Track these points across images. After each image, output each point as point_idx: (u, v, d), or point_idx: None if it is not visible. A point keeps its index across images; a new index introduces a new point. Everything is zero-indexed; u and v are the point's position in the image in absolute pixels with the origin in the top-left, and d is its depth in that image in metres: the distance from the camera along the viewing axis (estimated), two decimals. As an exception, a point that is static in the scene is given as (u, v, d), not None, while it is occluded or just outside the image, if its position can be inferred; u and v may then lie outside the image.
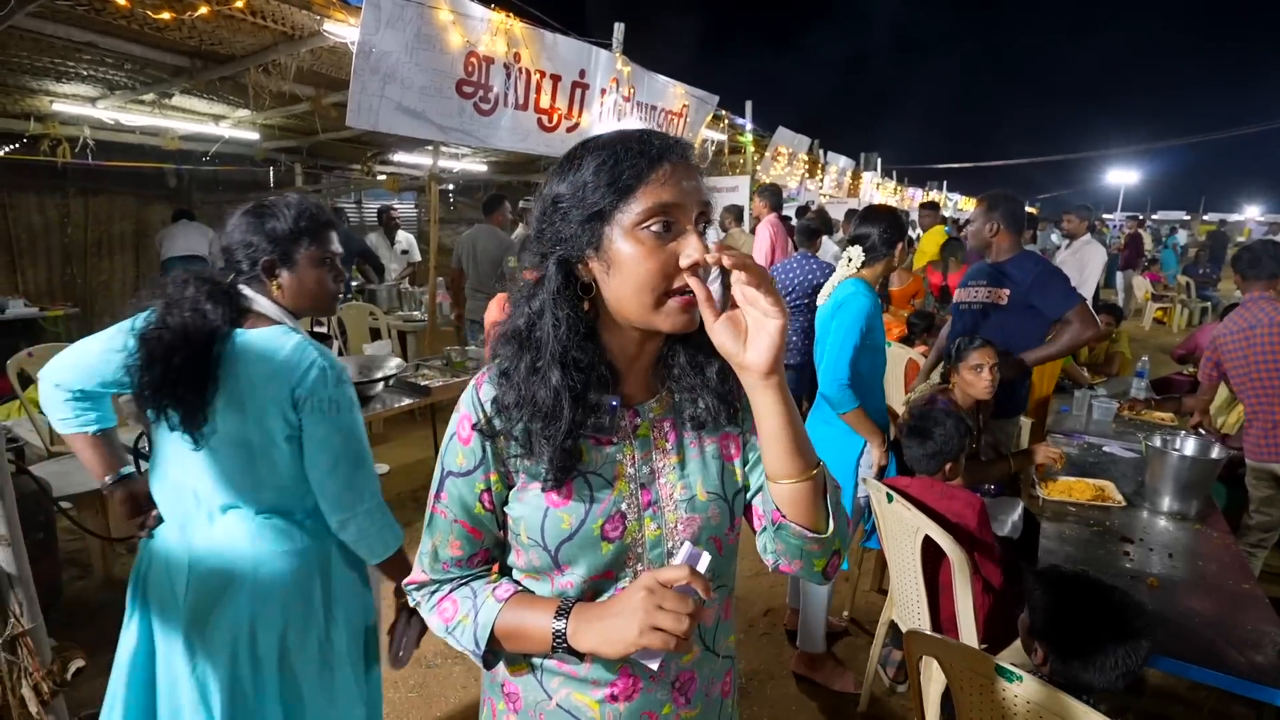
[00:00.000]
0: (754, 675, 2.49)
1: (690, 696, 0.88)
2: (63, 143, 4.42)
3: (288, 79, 3.50)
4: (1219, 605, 1.74)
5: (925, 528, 1.89)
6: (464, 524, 0.85)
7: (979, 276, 2.94)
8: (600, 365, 0.81)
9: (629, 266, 0.75)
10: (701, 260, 0.72)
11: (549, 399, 0.78)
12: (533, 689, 0.88)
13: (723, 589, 0.90)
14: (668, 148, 0.77)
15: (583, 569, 0.82)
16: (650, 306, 0.75)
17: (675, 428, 0.86)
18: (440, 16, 2.82)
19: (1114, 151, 43.89)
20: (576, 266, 0.79)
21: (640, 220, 0.74)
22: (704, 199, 0.77)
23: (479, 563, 0.89)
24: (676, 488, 0.84)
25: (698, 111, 5.08)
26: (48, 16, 2.79)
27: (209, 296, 1.28)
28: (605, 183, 0.75)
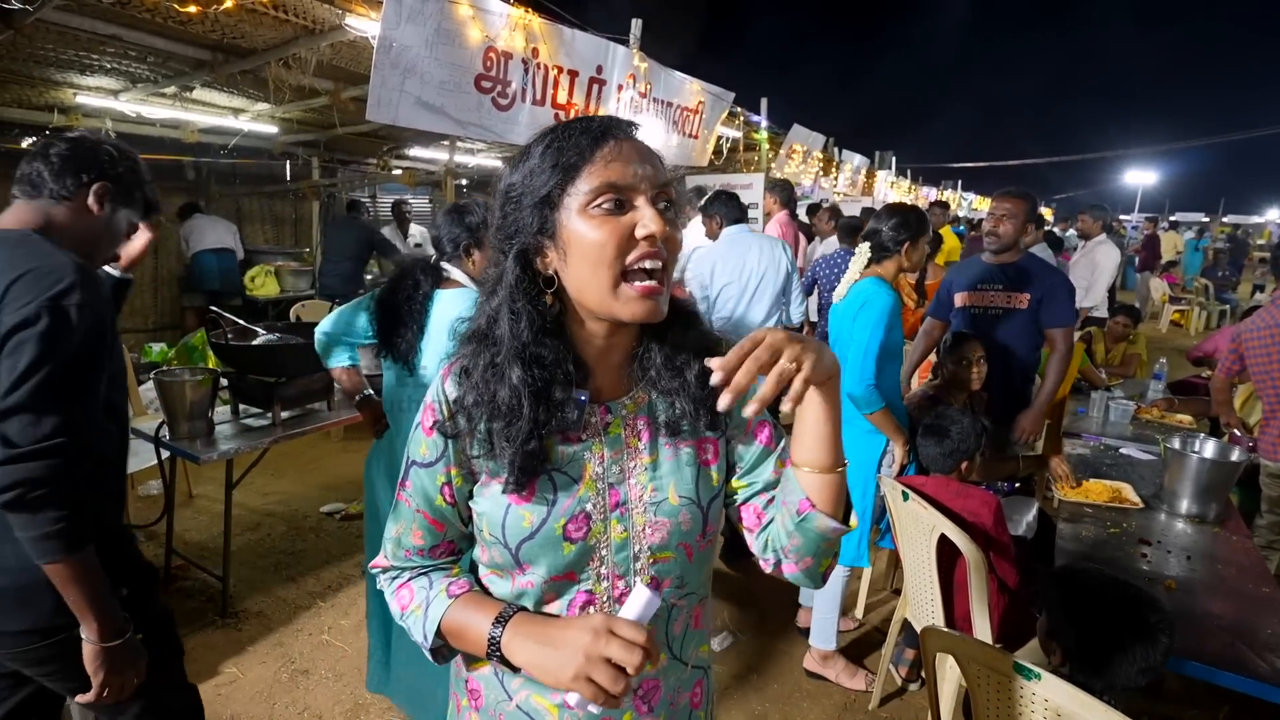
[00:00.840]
0: (765, 672, 2.49)
1: (653, 705, 0.85)
2: (85, 135, 4.48)
3: (307, 73, 3.52)
4: (1239, 608, 1.72)
5: (941, 526, 1.89)
6: (425, 514, 0.84)
7: (990, 279, 2.79)
8: (565, 361, 0.78)
9: (583, 246, 0.73)
10: (658, 232, 0.71)
11: (509, 398, 0.76)
12: (494, 688, 0.86)
13: (692, 597, 0.87)
14: (611, 125, 0.76)
15: (543, 569, 0.79)
16: (609, 289, 0.73)
17: (649, 427, 0.83)
18: (460, 11, 2.83)
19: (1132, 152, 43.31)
20: (536, 260, 0.77)
21: (590, 200, 0.72)
22: (661, 180, 0.75)
23: (442, 553, 0.87)
24: (647, 490, 0.81)
25: (714, 108, 5.06)
26: (74, 9, 2.83)
27: (422, 270, 1.93)
28: (550, 165, 0.74)
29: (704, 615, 0.90)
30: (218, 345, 2.72)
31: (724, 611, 2.82)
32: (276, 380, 2.70)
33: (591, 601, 0.80)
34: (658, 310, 0.74)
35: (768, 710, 2.31)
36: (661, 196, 0.75)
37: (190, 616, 2.64)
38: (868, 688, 2.38)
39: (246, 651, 2.47)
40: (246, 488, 3.54)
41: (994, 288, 2.78)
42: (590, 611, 0.80)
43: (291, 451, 4.20)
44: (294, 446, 4.26)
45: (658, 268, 0.73)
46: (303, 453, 4.27)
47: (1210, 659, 1.51)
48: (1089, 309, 5.08)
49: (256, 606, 2.72)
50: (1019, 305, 2.72)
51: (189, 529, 3.27)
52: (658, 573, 0.81)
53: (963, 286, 2.87)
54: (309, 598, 2.80)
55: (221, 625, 2.60)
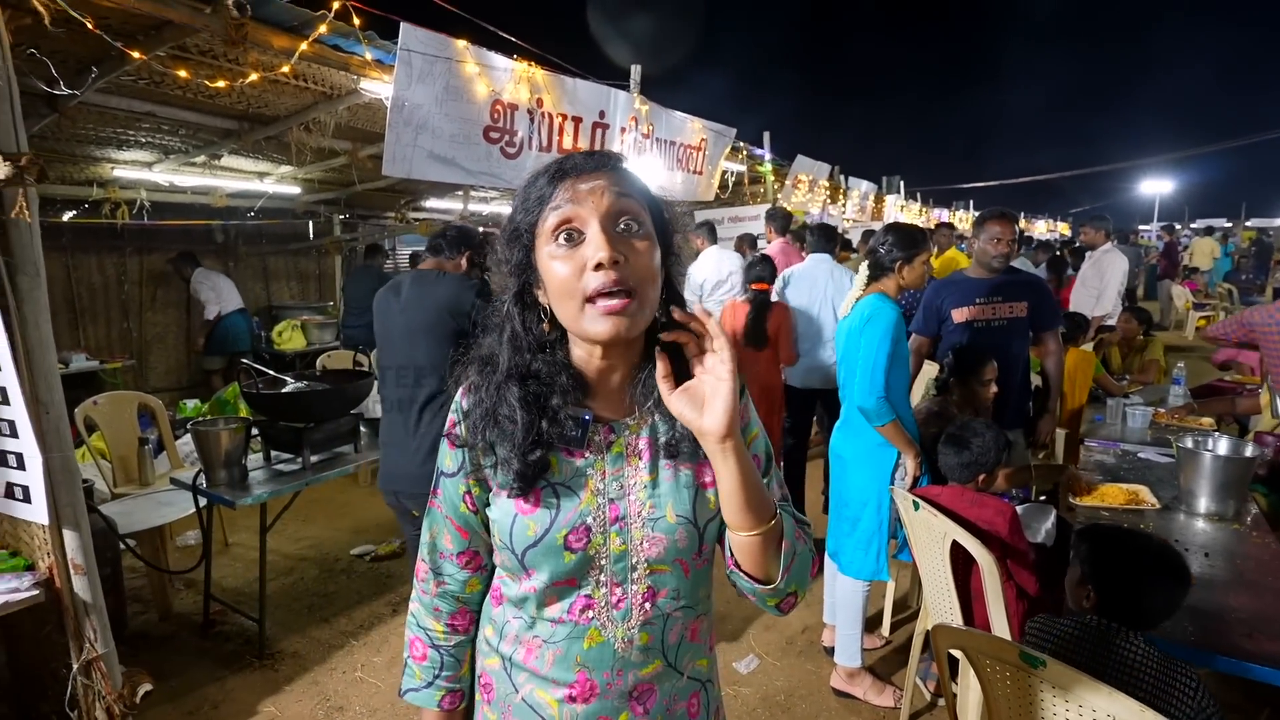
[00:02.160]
0: (792, 692, 2.49)
1: (649, 708, 0.89)
2: (122, 205, 4.74)
3: (327, 135, 3.72)
4: (1261, 602, 1.72)
5: (952, 533, 1.92)
6: (453, 521, 0.92)
7: (988, 292, 2.87)
8: (562, 375, 0.84)
9: (551, 281, 0.80)
10: (605, 259, 0.74)
11: (509, 414, 0.83)
12: (503, 681, 0.91)
13: (688, 610, 0.90)
14: (573, 163, 0.81)
15: (545, 574, 0.85)
16: (577, 315, 0.78)
17: (650, 447, 0.87)
18: (466, 69, 3.00)
19: (1148, 161, 43.06)
20: (533, 292, 0.85)
21: (550, 238, 0.79)
22: (612, 201, 0.78)
23: (468, 564, 0.94)
24: (646, 506, 0.85)
25: (716, 144, 5.21)
26: (113, 91, 3.05)
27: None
28: (523, 208, 0.82)
29: (701, 630, 0.93)
30: (249, 394, 2.85)
31: (749, 634, 2.83)
32: (305, 425, 2.81)
33: (590, 606, 0.85)
34: (622, 328, 0.76)
35: (796, 730, 2.31)
36: (619, 217, 0.78)
37: (229, 659, 2.71)
38: (896, 704, 2.37)
39: (283, 691, 2.53)
40: (279, 534, 3.64)
41: (993, 300, 2.87)
42: (589, 615, 0.85)
43: (321, 497, 4.30)
44: (323, 492, 4.37)
45: (617, 291, 0.75)
46: (332, 498, 4.37)
47: (1235, 652, 1.52)
48: (1101, 317, 5.08)
49: (292, 647, 2.79)
50: (1020, 314, 2.85)
51: (225, 575, 3.37)
52: (654, 583, 0.86)
53: (960, 302, 2.92)
54: (342, 637, 2.86)
55: (259, 667, 2.66)
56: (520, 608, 0.89)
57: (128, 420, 3.67)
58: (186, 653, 2.78)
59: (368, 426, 3.19)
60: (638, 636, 0.86)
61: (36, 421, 1.77)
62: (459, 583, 0.95)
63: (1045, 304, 2.90)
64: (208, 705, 2.45)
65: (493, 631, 0.93)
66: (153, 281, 6.35)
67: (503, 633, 0.91)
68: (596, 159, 0.82)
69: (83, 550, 1.93)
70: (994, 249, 2.83)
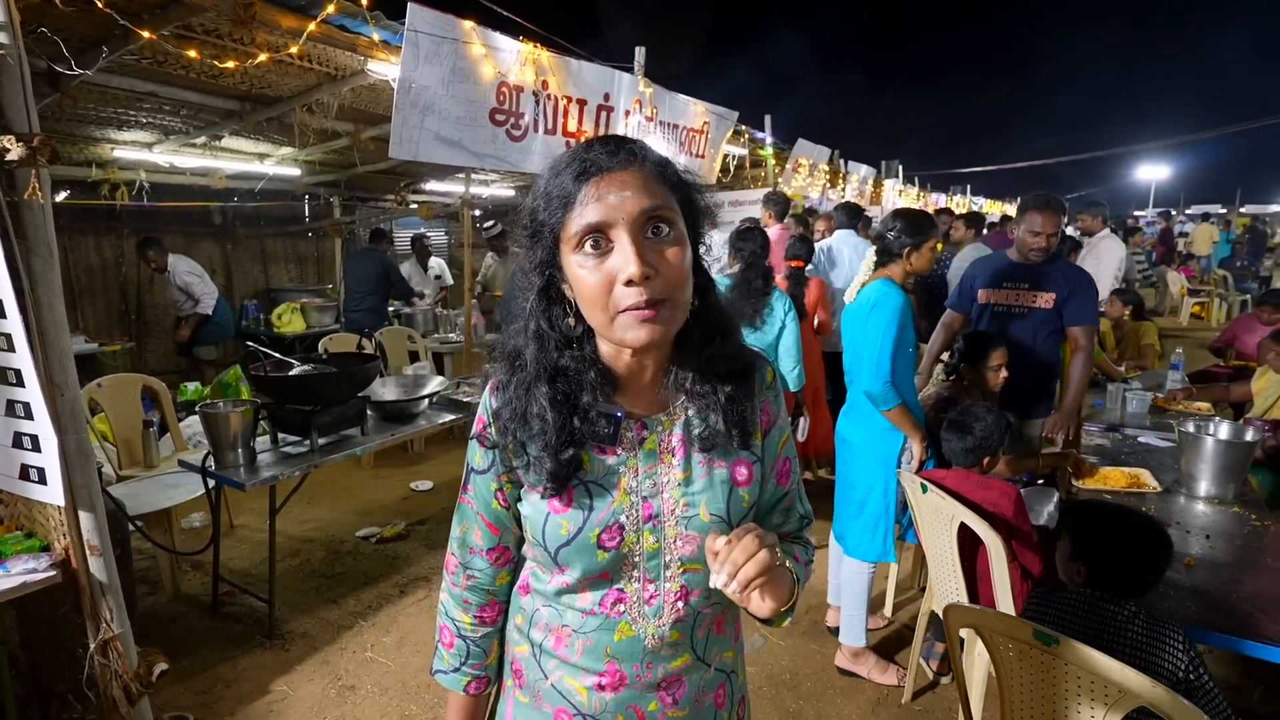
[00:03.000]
0: (797, 671, 2.54)
1: (678, 698, 0.89)
2: (121, 186, 4.70)
3: (330, 116, 3.70)
4: (1259, 582, 1.76)
5: (960, 515, 1.95)
6: (484, 518, 0.91)
7: (1015, 278, 2.85)
8: (591, 371, 0.82)
9: (578, 287, 0.77)
10: (636, 275, 0.72)
11: (538, 413, 0.81)
12: (532, 667, 0.92)
13: (716, 605, 0.90)
14: (598, 163, 0.76)
15: (579, 571, 0.84)
16: (607, 324, 0.76)
17: (684, 444, 0.86)
18: (473, 51, 2.98)
19: (1144, 146, 43.04)
20: (559, 286, 0.82)
21: (576, 243, 0.76)
22: (644, 207, 0.74)
23: (497, 559, 0.94)
24: (680, 504, 0.84)
25: (718, 128, 5.20)
26: (114, 70, 3.02)
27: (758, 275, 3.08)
28: (544, 205, 0.78)
29: (727, 622, 0.94)
30: (256, 377, 2.85)
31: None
32: (313, 408, 2.82)
33: (622, 599, 0.85)
34: (657, 335, 0.75)
35: (802, 708, 2.36)
36: (650, 222, 0.75)
37: (239, 639, 2.74)
38: (899, 683, 2.42)
39: (295, 670, 2.56)
40: (285, 516, 3.65)
41: (1019, 286, 2.83)
42: (620, 609, 0.85)
43: (326, 481, 4.32)
44: (328, 476, 4.39)
45: (648, 301, 0.73)
46: (336, 481, 4.39)
47: (1232, 629, 1.55)
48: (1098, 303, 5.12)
49: (301, 628, 2.82)
50: (1044, 305, 2.77)
51: (232, 557, 3.39)
52: (686, 582, 0.85)
53: (986, 283, 2.92)
54: (351, 618, 2.89)
55: (269, 647, 2.69)
56: (550, 599, 0.88)
57: (131, 402, 3.67)
58: (196, 633, 2.81)
59: (375, 410, 3.20)
60: (668, 633, 0.85)
61: (52, 404, 1.78)
62: (488, 577, 0.95)
63: (1076, 299, 2.73)
64: (220, 684, 2.48)
65: (523, 620, 0.93)
66: (151, 263, 6.31)
67: (532, 620, 0.91)
68: (622, 156, 0.77)
69: (98, 531, 1.94)
70: (1030, 241, 2.75)
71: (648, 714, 0.88)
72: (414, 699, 2.40)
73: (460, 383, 3.83)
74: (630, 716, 0.88)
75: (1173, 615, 1.59)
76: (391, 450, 4.89)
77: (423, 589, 3.11)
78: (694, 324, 0.84)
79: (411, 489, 4.31)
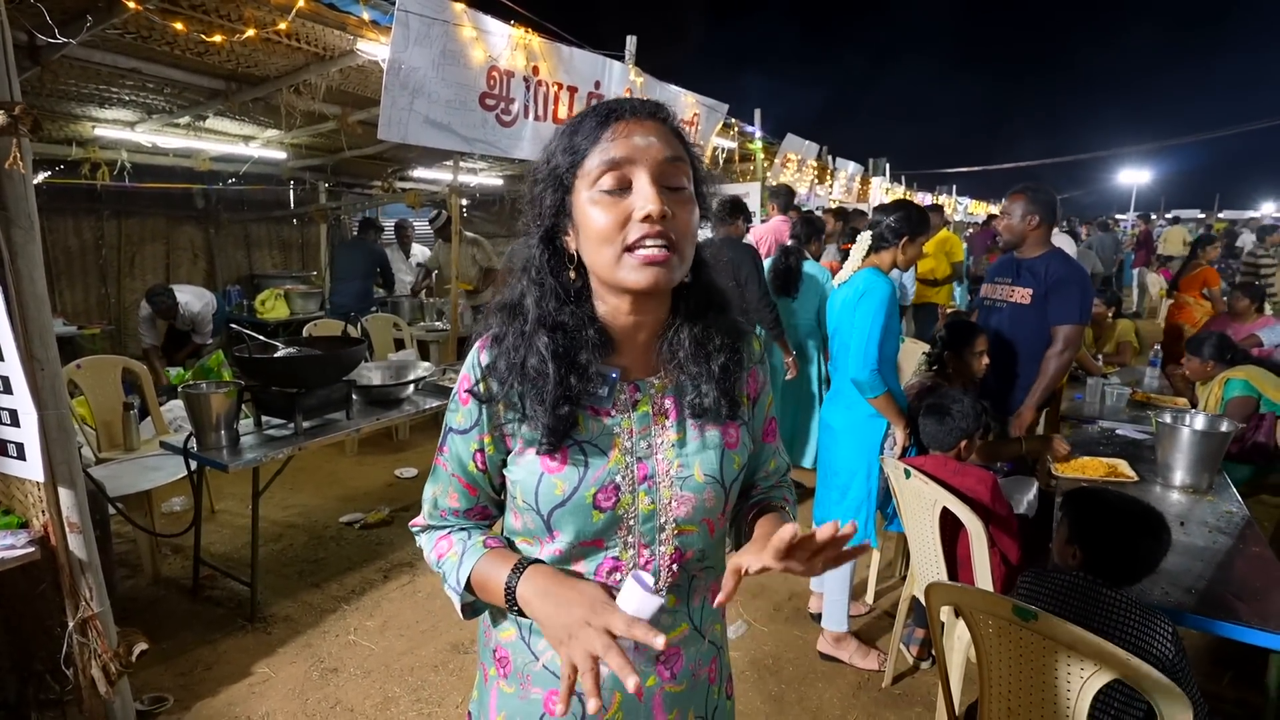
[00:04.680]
0: (780, 656, 2.56)
1: (676, 672, 0.89)
2: (102, 166, 4.61)
3: (317, 98, 3.66)
4: (1232, 567, 1.80)
5: (943, 500, 1.97)
6: (460, 479, 0.89)
7: (1004, 272, 2.87)
8: (588, 328, 0.82)
9: (589, 227, 0.77)
10: (655, 212, 0.73)
11: (537, 364, 0.80)
12: (521, 651, 0.89)
13: (710, 570, 0.90)
14: (624, 107, 0.78)
15: (571, 535, 0.82)
16: (613, 262, 0.76)
17: (676, 406, 0.86)
18: (464, 34, 2.96)
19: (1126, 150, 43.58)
20: (560, 239, 0.83)
21: (594, 180, 0.76)
22: (666, 155, 0.76)
23: (475, 516, 0.92)
24: (674, 464, 0.84)
25: (708, 120, 5.20)
26: (97, 45, 2.96)
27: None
28: (563, 149, 0.79)
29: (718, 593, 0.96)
30: (241, 359, 2.82)
31: (737, 601, 2.89)
32: (298, 391, 2.80)
33: (618, 568, 0.84)
34: (662, 279, 0.76)
35: (784, 691, 2.38)
36: (669, 173, 0.77)
37: (220, 622, 2.72)
38: (880, 667, 2.45)
39: (277, 653, 2.54)
40: (267, 501, 3.62)
41: (1004, 281, 2.86)
42: (616, 578, 0.84)
43: (308, 466, 4.29)
44: (311, 461, 4.36)
45: (659, 244, 0.75)
46: (320, 467, 4.36)
47: (1208, 612, 1.59)
48: None
49: (284, 611, 2.80)
50: (1021, 300, 2.76)
51: (213, 542, 3.36)
52: (681, 544, 0.85)
53: (988, 276, 3.01)
54: (334, 602, 2.88)
55: (251, 630, 2.67)
56: None
57: (111, 385, 3.62)
58: (176, 616, 2.78)
59: (360, 394, 3.18)
60: (665, 599, 0.85)
61: (32, 378, 1.76)
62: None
63: (1055, 296, 2.67)
64: (200, 667, 2.46)
65: None
66: (131, 246, 6.22)
67: None
68: (650, 106, 0.80)
69: (78, 508, 1.92)
70: (999, 224, 2.88)
71: (645, 689, 0.87)
72: (397, 680, 2.40)
73: (446, 370, 3.81)
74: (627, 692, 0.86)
75: (1148, 597, 1.63)
76: (376, 437, 4.88)
77: (406, 574, 3.10)
78: (690, 295, 0.86)
79: (396, 476, 4.29)
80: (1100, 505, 1.60)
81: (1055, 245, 2.81)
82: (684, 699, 0.91)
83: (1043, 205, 2.74)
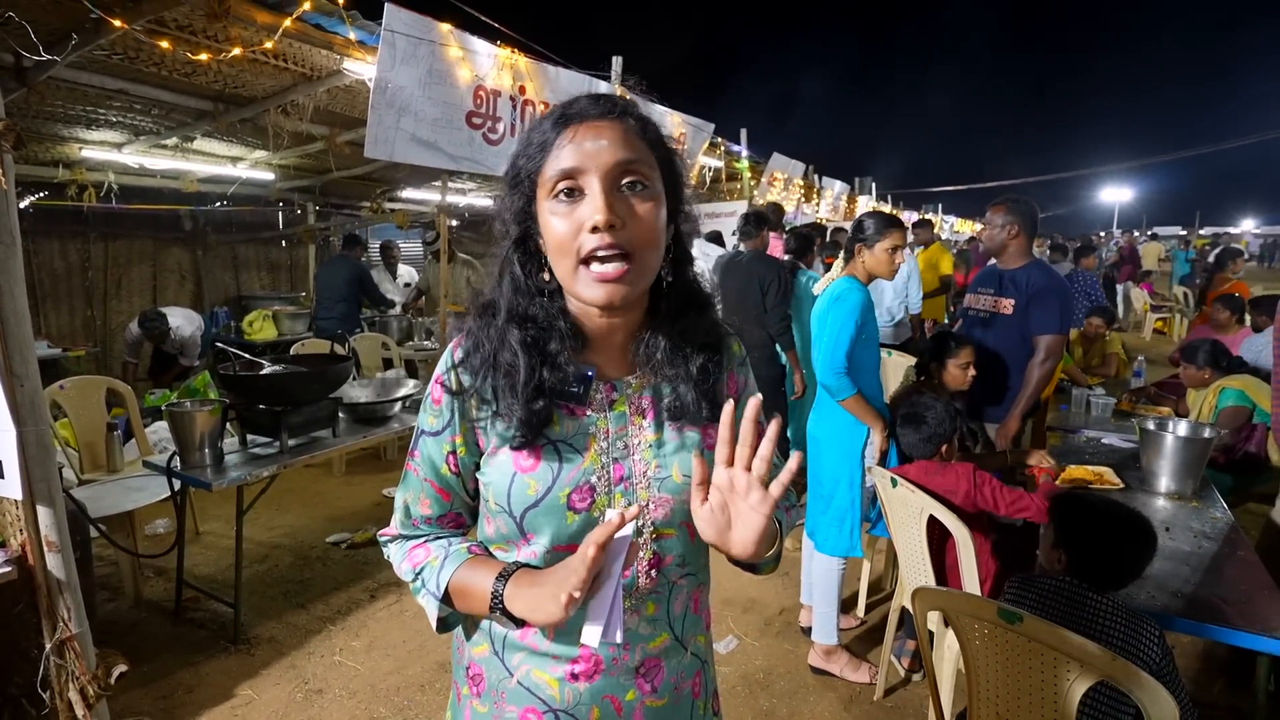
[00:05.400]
0: (771, 671, 2.54)
1: (657, 685, 0.86)
2: (89, 188, 4.61)
3: (305, 119, 3.68)
4: (1219, 572, 1.81)
5: (929, 508, 1.98)
6: (433, 484, 0.86)
7: (987, 283, 2.90)
8: (561, 320, 0.81)
9: (548, 234, 0.77)
10: (601, 222, 0.72)
11: (510, 356, 0.79)
12: (495, 668, 0.86)
13: (692, 578, 0.88)
14: (576, 110, 0.77)
15: (547, 538, 0.80)
16: (570, 273, 0.75)
17: (654, 406, 0.85)
18: (450, 53, 2.99)
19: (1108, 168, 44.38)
20: (535, 240, 0.81)
21: (551, 188, 0.75)
22: (619, 158, 0.74)
23: (449, 523, 0.89)
24: (651, 465, 0.82)
25: (695, 139, 5.26)
26: (84, 66, 2.98)
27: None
28: (525, 154, 0.78)
29: (702, 601, 0.91)
30: (226, 376, 2.81)
31: (728, 616, 2.87)
32: (283, 408, 2.78)
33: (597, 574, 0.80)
34: (616, 296, 0.74)
35: (775, 706, 2.35)
36: (625, 175, 0.75)
37: (203, 645, 2.67)
38: (871, 680, 2.43)
39: (260, 675, 2.50)
40: (253, 522, 3.59)
41: (987, 291, 2.89)
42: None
43: (295, 487, 4.25)
44: (297, 482, 4.32)
45: (613, 254, 0.73)
46: (306, 487, 4.32)
47: (1197, 616, 1.59)
48: None
49: (268, 633, 2.76)
50: (1003, 310, 2.79)
51: (197, 563, 3.30)
52: (659, 549, 0.83)
53: (972, 287, 3.04)
54: (319, 622, 2.83)
55: (234, 652, 2.63)
56: None
57: (95, 405, 3.58)
58: (158, 639, 2.73)
59: (347, 412, 3.16)
60: (644, 606, 0.83)
61: (11, 394, 1.74)
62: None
63: (1035, 307, 2.69)
64: (181, 689, 2.42)
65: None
66: (118, 268, 6.19)
67: None
68: (604, 104, 0.78)
69: (57, 527, 1.89)
70: (981, 233, 2.98)
71: (625, 704, 0.84)
72: (383, 701, 2.36)
73: (434, 387, 3.79)
74: (606, 708, 0.83)
75: (1135, 602, 1.63)
76: (364, 458, 4.84)
77: (394, 594, 3.06)
78: (669, 294, 0.85)
79: (384, 495, 4.25)
80: (1085, 510, 1.61)
81: (1036, 256, 2.85)
82: (666, 714, 0.87)
83: (1023, 215, 2.78)
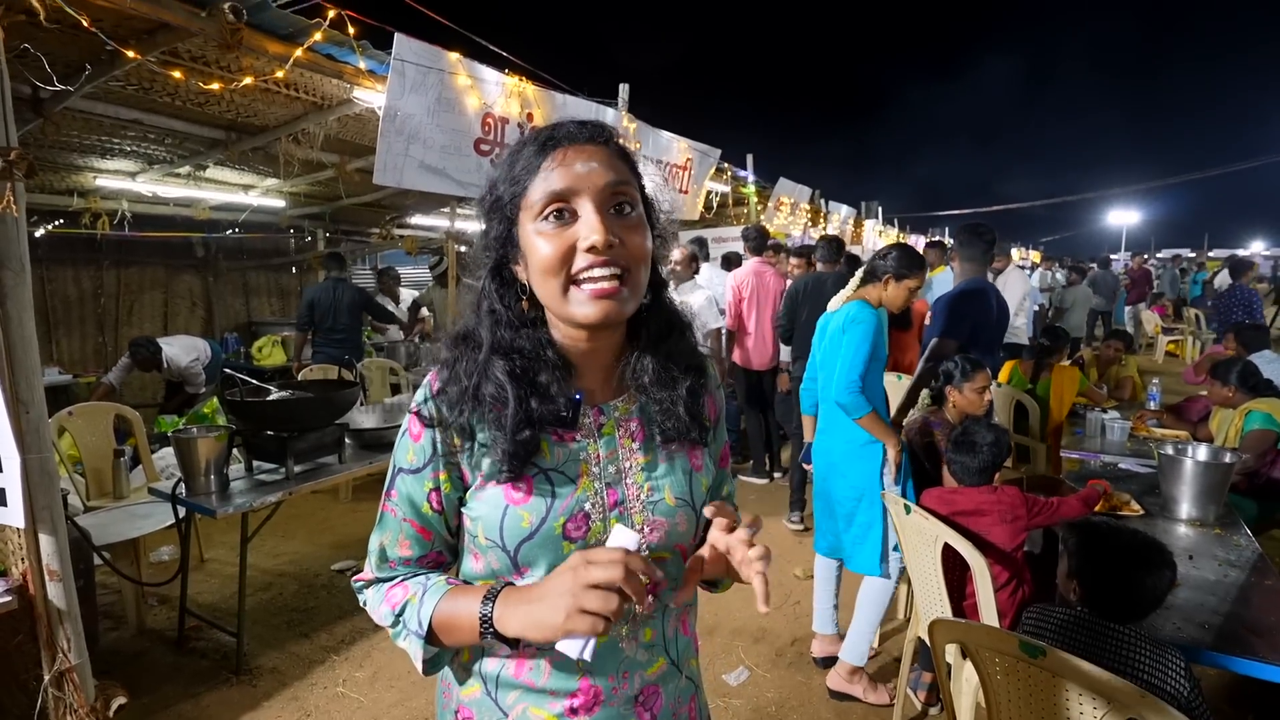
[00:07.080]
0: (783, 704, 2.47)
1: (656, 713, 0.84)
2: (103, 216, 4.67)
3: (315, 147, 3.72)
4: (1244, 601, 1.75)
5: (944, 536, 1.93)
6: (413, 523, 0.82)
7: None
8: (546, 350, 0.79)
9: (534, 258, 0.75)
10: (599, 243, 0.71)
11: (494, 389, 0.77)
12: (488, 709, 0.82)
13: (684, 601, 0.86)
14: (562, 133, 0.76)
15: (542, 570, 0.77)
16: (559, 295, 0.74)
17: (643, 428, 0.84)
18: (459, 81, 3.02)
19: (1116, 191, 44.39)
20: (511, 268, 0.80)
21: (538, 212, 0.74)
22: (609, 180, 0.74)
23: (429, 564, 0.85)
24: (644, 489, 0.81)
25: (701, 164, 5.29)
26: (99, 97, 3.03)
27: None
28: (506, 179, 0.77)
29: (690, 622, 0.91)
30: (233, 402, 2.80)
31: (738, 647, 2.81)
32: (290, 434, 2.77)
33: None
34: (612, 312, 0.74)
35: (788, 741, 2.29)
36: (615, 197, 0.75)
37: (205, 675, 2.63)
38: (891, 701, 2.37)
39: (262, 707, 2.45)
40: (258, 549, 3.55)
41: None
42: None
43: (301, 514, 4.22)
44: (303, 508, 4.29)
45: (607, 274, 0.73)
46: (313, 514, 4.29)
47: (1224, 648, 1.54)
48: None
49: (271, 663, 2.71)
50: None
51: (201, 591, 3.27)
52: None
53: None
54: (323, 652, 2.79)
55: (237, 683, 2.58)
56: None
57: (103, 432, 3.59)
58: (160, 669, 2.69)
59: (354, 437, 3.14)
60: (642, 633, 0.82)
61: (15, 421, 1.73)
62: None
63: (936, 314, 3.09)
64: (182, 722, 2.37)
65: (469, 654, 0.84)
66: (130, 295, 6.25)
67: (485, 650, 0.82)
68: (590, 129, 0.77)
69: (59, 556, 1.87)
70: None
71: None
72: (386, 735, 2.30)
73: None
74: None
75: (1160, 633, 1.57)
76: (371, 484, 4.81)
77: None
78: (650, 318, 0.84)
79: (390, 522, 4.21)
80: (1097, 539, 1.56)
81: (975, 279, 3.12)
82: None
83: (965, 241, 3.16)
